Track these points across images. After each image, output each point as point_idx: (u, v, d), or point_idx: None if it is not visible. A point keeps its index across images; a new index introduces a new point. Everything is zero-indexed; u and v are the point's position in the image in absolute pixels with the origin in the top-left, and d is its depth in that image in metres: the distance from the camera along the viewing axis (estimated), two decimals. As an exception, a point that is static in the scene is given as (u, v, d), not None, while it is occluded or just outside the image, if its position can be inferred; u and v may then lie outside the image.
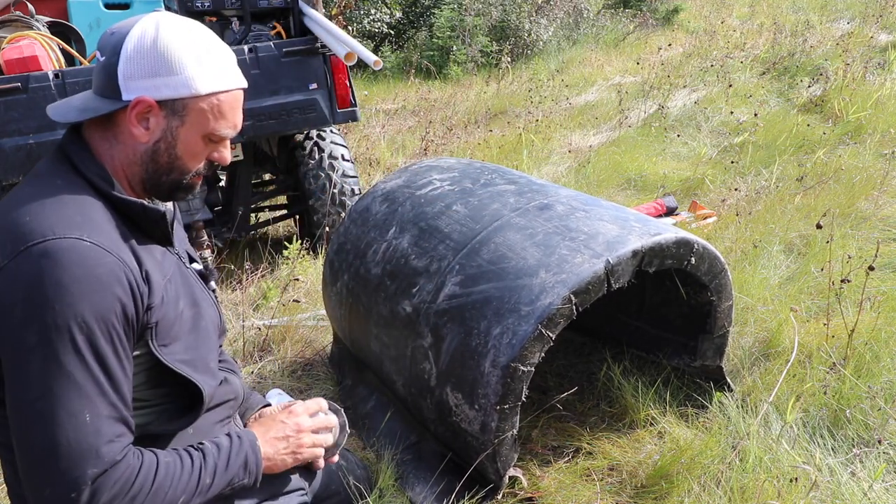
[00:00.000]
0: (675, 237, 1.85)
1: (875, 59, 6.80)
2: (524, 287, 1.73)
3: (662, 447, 2.06)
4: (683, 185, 4.59)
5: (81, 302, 1.00)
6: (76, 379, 1.01)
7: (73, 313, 1.00)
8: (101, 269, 1.03)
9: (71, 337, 1.00)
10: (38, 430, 1.00)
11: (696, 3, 13.16)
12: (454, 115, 7.14)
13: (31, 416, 1.00)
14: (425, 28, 10.71)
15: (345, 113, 3.51)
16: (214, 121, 1.17)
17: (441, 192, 2.22)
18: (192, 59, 1.12)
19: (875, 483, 1.83)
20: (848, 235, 3.33)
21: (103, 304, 1.02)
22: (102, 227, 1.09)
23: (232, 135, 1.22)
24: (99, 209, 1.11)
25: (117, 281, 1.05)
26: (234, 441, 1.24)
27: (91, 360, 1.02)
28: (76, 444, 1.00)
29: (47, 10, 3.45)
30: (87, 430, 1.01)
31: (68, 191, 1.10)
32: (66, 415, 1.00)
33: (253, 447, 1.26)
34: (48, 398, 0.99)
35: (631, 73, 8.28)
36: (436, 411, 1.86)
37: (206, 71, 1.13)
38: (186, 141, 1.17)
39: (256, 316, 3.12)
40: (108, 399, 1.04)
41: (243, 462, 1.22)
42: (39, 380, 1.00)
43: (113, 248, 1.07)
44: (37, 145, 2.88)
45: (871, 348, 2.31)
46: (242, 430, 1.29)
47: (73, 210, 1.07)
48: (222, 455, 1.20)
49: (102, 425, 1.03)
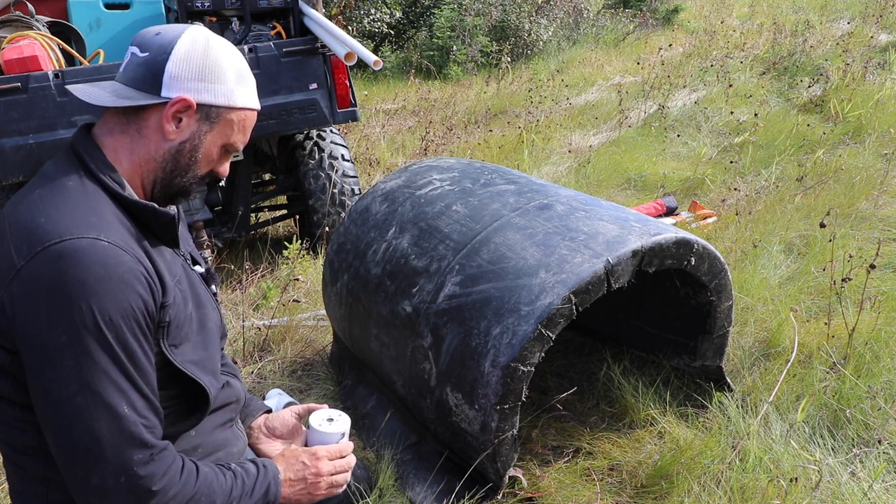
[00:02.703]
0: (674, 237, 1.85)
1: (875, 59, 6.80)
2: (524, 287, 1.73)
3: (662, 447, 2.06)
4: (683, 185, 4.59)
5: (106, 300, 1.02)
6: (110, 374, 1.03)
7: (100, 311, 1.01)
8: (121, 267, 1.05)
9: (100, 334, 1.02)
10: (81, 424, 1.02)
11: (696, 3, 13.16)
12: (454, 115, 7.14)
13: (70, 411, 1.02)
14: (425, 28, 10.71)
15: (345, 113, 3.51)
16: (236, 133, 1.25)
17: (441, 192, 2.22)
18: (235, 74, 1.21)
19: (875, 483, 1.83)
20: (848, 235, 3.33)
21: (127, 301, 1.04)
22: (117, 228, 1.10)
23: (241, 149, 1.31)
24: (111, 210, 1.12)
25: (137, 279, 1.06)
26: (261, 470, 1.27)
27: (121, 356, 1.04)
28: (119, 433, 1.03)
29: (47, 10, 3.45)
30: (127, 420, 1.04)
31: (81, 192, 1.11)
32: (106, 407, 1.02)
33: (276, 480, 1.28)
34: (86, 393, 1.02)
35: (631, 73, 8.28)
36: (436, 411, 1.86)
37: (242, 87, 1.23)
38: (209, 147, 1.23)
39: (256, 316, 3.12)
40: (142, 391, 1.07)
41: (265, 492, 1.25)
42: (75, 376, 1.01)
43: (129, 247, 1.09)
44: (36, 145, 2.87)
45: (871, 348, 2.31)
46: (267, 461, 1.32)
47: (87, 211, 1.08)
48: (249, 480, 1.23)
49: (140, 415, 1.06)
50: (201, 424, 1.27)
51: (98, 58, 3.37)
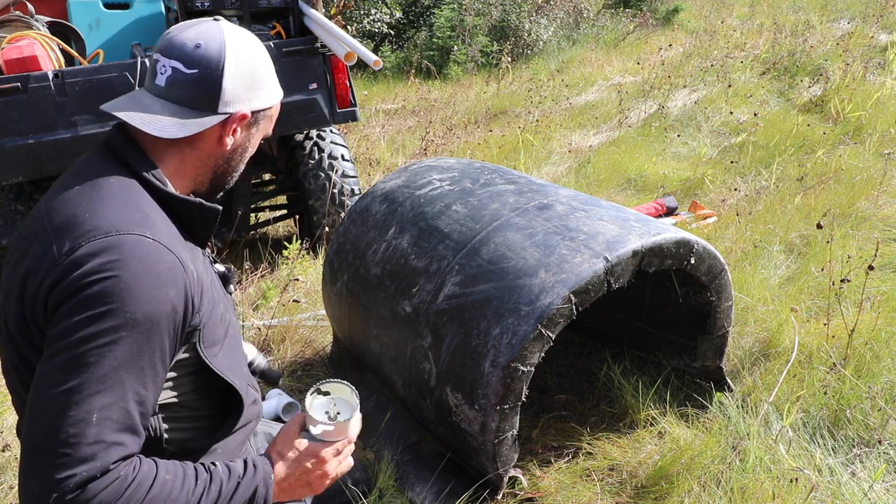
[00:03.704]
0: (674, 237, 1.85)
1: (875, 59, 6.80)
2: (524, 287, 1.73)
3: (662, 447, 2.06)
4: (683, 185, 4.58)
5: (136, 300, 0.99)
6: (98, 378, 0.98)
7: (125, 310, 0.98)
8: (161, 266, 1.03)
9: (113, 334, 0.98)
10: (45, 421, 0.98)
11: (696, 3, 13.15)
12: (454, 115, 7.14)
13: (44, 405, 0.98)
14: (425, 28, 10.70)
15: (345, 113, 3.51)
16: (271, 125, 1.29)
17: (441, 192, 2.22)
18: (271, 73, 1.24)
19: (875, 483, 1.83)
20: (848, 235, 3.33)
21: (156, 304, 1.01)
22: (161, 226, 1.08)
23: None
24: (155, 208, 1.11)
25: (174, 282, 1.04)
26: (249, 470, 1.17)
27: (124, 361, 1.00)
28: (74, 443, 0.97)
29: (47, 10, 3.45)
30: (90, 431, 0.98)
31: (126, 187, 1.10)
32: (74, 412, 0.97)
33: (266, 481, 1.17)
34: (63, 392, 0.98)
35: (631, 73, 8.28)
36: (436, 411, 1.86)
37: (276, 82, 1.26)
38: (255, 144, 1.27)
39: (256, 316, 3.12)
40: (125, 404, 1.01)
41: (251, 495, 1.15)
42: (61, 372, 0.98)
43: (173, 246, 1.07)
44: (36, 145, 2.87)
45: (871, 348, 2.31)
46: (260, 459, 1.20)
47: (132, 207, 1.07)
48: (231, 482, 1.13)
49: (108, 430, 0.99)
50: (228, 440, 1.23)
51: (98, 58, 3.37)
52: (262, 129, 1.27)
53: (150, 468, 1.06)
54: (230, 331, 1.26)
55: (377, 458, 2.05)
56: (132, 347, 1.00)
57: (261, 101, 1.21)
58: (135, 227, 1.03)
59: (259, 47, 1.22)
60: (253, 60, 1.19)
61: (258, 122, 1.24)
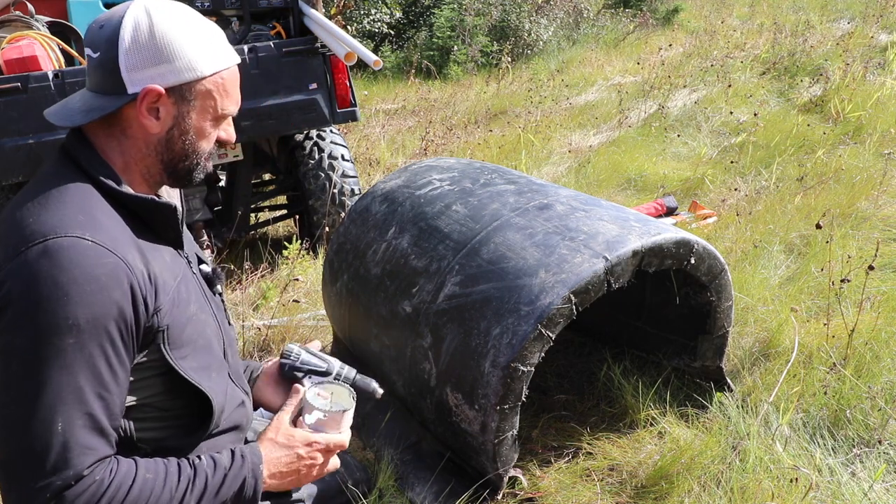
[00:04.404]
0: (674, 237, 1.85)
1: (875, 59, 6.80)
2: (524, 287, 1.73)
3: (662, 447, 2.06)
4: (683, 185, 4.58)
5: (76, 304, 0.97)
6: (55, 385, 0.96)
7: (66, 315, 0.96)
8: (100, 269, 1.00)
9: (59, 340, 0.96)
10: (8, 436, 0.97)
11: (696, 3, 13.16)
12: (454, 115, 7.14)
13: (6, 421, 0.97)
14: (425, 28, 10.71)
15: (345, 113, 3.51)
16: (221, 99, 1.16)
17: (441, 192, 2.22)
18: (191, 41, 1.11)
19: (875, 483, 1.83)
20: (848, 235, 3.33)
21: (99, 307, 0.99)
22: (106, 227, 1.05)
23: (236, 111, 1.21)
24: (105, 209, 1.08)
25: (117, 283, 1.01)
26: (236, 461, 1.15)
27: (77, 366, 0.98)
28: (43, 454, 0.96)
29: (47, 10, 3.45)
30: (57, 440, 0.97)
31: (73, 191, 1.07)
32: (38, 422, 0.96)
33: (255, 472, 1.15)
34: (22, 403, 0.96)
35: (631, 73, 8.28)
36: (436, 411, 1.86)
37: (205, 52, 1.12)
38: (198, 124, 1.16)
39: (256, 316, 3.12)
40: (87, 408, 0.99)
41: (240, 487, 1.13)
42: (17, 384, 0.96)
43: (116, 247, 1.03)
44: (36, 145, 2.87)
45: (871, 348, 2.31)
46: (249, 448, 1.18)
47: (75, 209, 1.04)
48: (216, 475, 1.11)
49: (74, 436, 0.98)
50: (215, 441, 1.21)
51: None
52: (204, 107, 1.15)
53: (128, 469, 1.05)
54: (207, 332, 1.22)
55: (377, 458, 2.05)
56: (82, 352, 0.98)
57: (178, 76, 1.10)
58: (74, 228, 1.01)
59: (174, 16, 1.11)
60: (159, 31, 1.08)
61: (187, 98, 1.12)
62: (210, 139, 1.20)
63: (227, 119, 1.22)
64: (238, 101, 1.21)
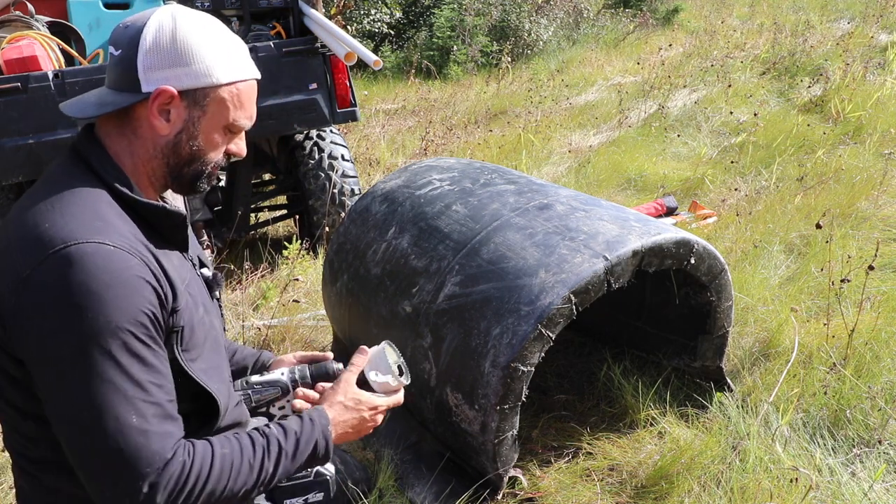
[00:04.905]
0: (674, 237, 1.85)
1: (875, 59, 6.80)
2: (524, 287, 1.73)
3: (662, 447, 2.06)
4: (683, 185, 4.58)
5: (113, 307, 0.99)
6: (117, 384, 1.00)
7: (106, 320, 0.99)
8: (127, 272, 1.02)
9: (106, 344, 0.99)
10: (89, 439, 1.00)
11: (696, 3, 13.16)
12: (454, 115, 7.14)
13: (79, 426, 1.00)
14: (425, 28, 10.71)
15: (345, 113, 3.51)
16: (234, 110, 1.17)
17: (441, 192, 2.22)
18: (211, 49, 1.13)
19: (875, 483, 1.83)
20: (848, 235, 3.33)
21: (134, 307, 1.02)
22: (123, 231, 1.07)
23: (249, 125, 1.22)
24: (117, 212, 1.09)
25: (145, 283, 1.04)
26: (306, 425, 1.19)
27: (129, 364, 1.01)
28: (126, 447, 1.00)
29: (47, 10, 3.44)
30: (134, 432, 1.00)
31: (86, 194, 1.08)
32: (113, 420, 0.99)
33: (325, 433, 1.19)
34: (93, 407, 0.99)
35: (631, 73, 8.28)
36: (436, 411, 1.86)
37: (224, 60, 1.14)
38: (207, 131, 1.17)
39: (256, 316, 3.12)
40: (152, 399, 1.03)
41: (313, 449, 1.17)
42: (81, 389, 0.99)
43: (136, 251, 1.05)
44: (36, 145, 2.87)
45: (871, 348, 2.31)
46: (317, 411, 1.22)
47: (91, 214, 1.05)
48: (289, 440, 1.16)
49: (149, 426, 1.02)
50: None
51: (98, 58, 3.37)
52: (215, 116, 1.16)
53: (204, 447, 1.09)
54: (213, 334, 1.25)
55: (377, 458, 2.05)
56: (129, 350, 1.01)
57: (194, 80, 1.11)
58: (94, 234, 1.02)
59: (200, 24, 1.13)
60: (181, 35, 1.10)
61: (199, 103, 1.13)
62: (219, 150, 1.20)
63: (239, 132, 1.22)
64: (252, 116, 1.22)
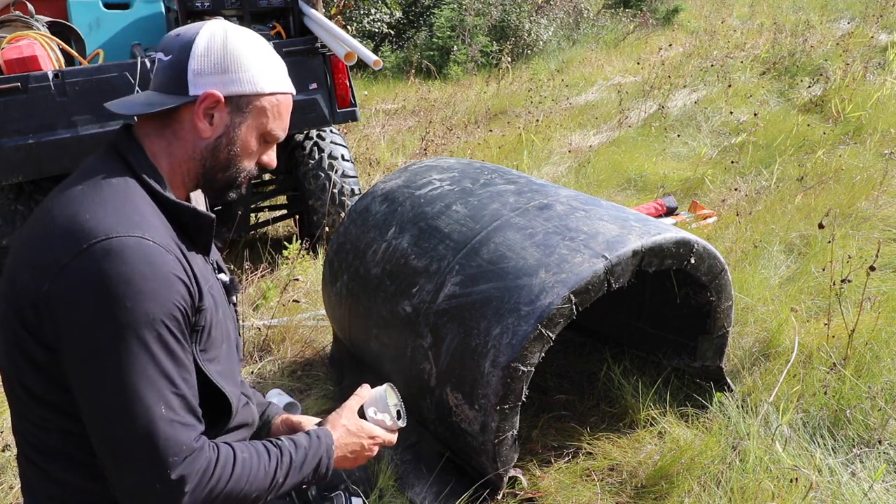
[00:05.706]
0: (674, 237, 1.85)
1: (875, 59, 6.80)
2: (524, 287, 1.73)
3: (662, 447, 2.06)
4: (683, 185, 4.58)
5: (151, 299, 1.03)
6: (149, 374, 1.03)
7: (144, 311, 1.02)
8: (164, 267, 1.05)
9: (143, 334, 1.02)
10: (118, 426, 1.02)
11: (696, 3, 13.16)
12: (454, 115, 7.14)
13: (109, 412, 1.03)
14: (425, 28, 10.70)
15: (345, 113, 3.51)
16: (272, 120, 1.23)
17: (441, 192, 2.22)
18: (258, 60, 1.20)
19: (875, 483, 1.83)
20: (848, 235, 3.33)
21: (170, 301, 1.05)
22: (158, 228, 1.10)
23: (282, 137, 1.27)
24: (153, 210, 1.13)
25: (179, 280, 1.07)
26: (313, 441, 1.25)
27: (162, 356, 1.04)
28: (155, 435, 1.03)
29: (47, 10, 3.45)
30: (163, 422, 1.03)
31: (125, 189, 1.12)
32: (143, 409, 1.02)
33: (328, 451, 1.26)
34: (125, 394, 1.02)
35: (631, 73, 8.28)
36: (436, 411, 1.86)
37: (269, 72, 1.21)
38: (245, 138, 1.22)
39: (256, 316, 3.12)
40: (180, 391, 1.07)
41: (317, 464, 1.23)
42: (115, 377, 1.02)
43: (171, 248, 1.09)
44: (36, 145, 2.87)
45: (871, 348, 2.31)
46: (322, 431, 1.29)
47: (131, 209, 1.09)
48: (298, 453, 1.21)
49: (178, 416, 1.05)
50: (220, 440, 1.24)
51: (98, 58, 3.37)
52: (255, 123, 1.21)
53: (226, 450, 1.13)
54: (230, 337, 1.28)
55: (377, 458, 2.05)
56: (162, 342, 1.05)
57: (239, 85, 1.17)
58: (133, 228, 1.05)
59: (248, 37, 1.20)
60: (231, 44, 1.17)
61: (242, 110, 1.19)
62: (253, 158, 1.26)
63: (273, 143, 1.28)
64: (286, 129, 1.28)
